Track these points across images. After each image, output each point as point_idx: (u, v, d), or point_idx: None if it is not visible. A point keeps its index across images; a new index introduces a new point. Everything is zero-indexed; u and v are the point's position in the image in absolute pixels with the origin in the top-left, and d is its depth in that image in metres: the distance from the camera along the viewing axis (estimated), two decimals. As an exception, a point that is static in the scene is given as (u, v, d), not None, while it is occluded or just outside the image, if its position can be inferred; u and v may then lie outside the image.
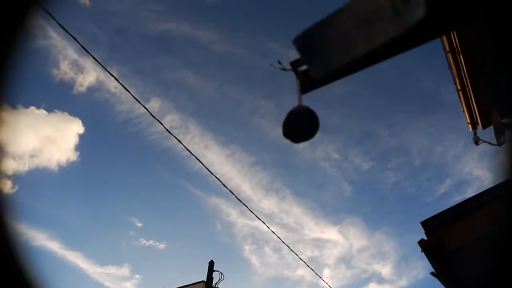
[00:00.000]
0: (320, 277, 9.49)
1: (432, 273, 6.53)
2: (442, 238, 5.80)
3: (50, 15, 4.23)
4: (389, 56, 1.83)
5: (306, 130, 2.10)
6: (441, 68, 5.67)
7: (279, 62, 2.11)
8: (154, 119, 5.95)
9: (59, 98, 16.69)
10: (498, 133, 5.24)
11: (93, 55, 5.01)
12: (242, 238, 19.25)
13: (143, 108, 5.80)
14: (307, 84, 2.11)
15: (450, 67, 5.60)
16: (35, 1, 1.50)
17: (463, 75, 5.49)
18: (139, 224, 18.27)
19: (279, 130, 2.09)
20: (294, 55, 2.03)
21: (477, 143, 6.28)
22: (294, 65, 2.13)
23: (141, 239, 18.88)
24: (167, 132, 6.19)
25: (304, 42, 1.81)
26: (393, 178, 18.90)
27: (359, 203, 19.98)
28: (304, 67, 2.13)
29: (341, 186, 18.70)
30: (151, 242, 18.18)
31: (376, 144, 18.72)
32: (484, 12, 1.67)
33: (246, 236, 19.76)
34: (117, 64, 15.79)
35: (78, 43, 4.71)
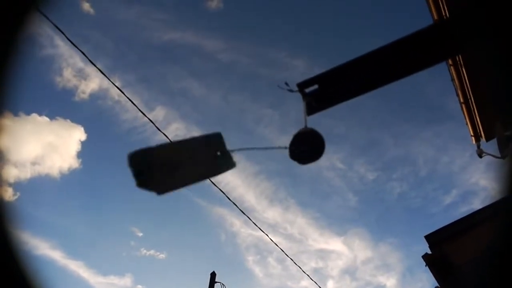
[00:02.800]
0: (323, 291, 9.35)
1: (436, 288, 6.44)
2: (447, 252, 5.72)
3: (55, 25, 4.30)
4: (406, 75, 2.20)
5: (312, 155, 2.14)
6: (446, 78, 5.68)
7: (286, 84, 2.13)
8: (158, 127, 5.96)
9: (62, 105, 16.81)
10: (502, 146, 5.22)
11: (99, 63, 5.07)
12: (245, 248, 19.08)
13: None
14: (313, 105, 2.14)
15: (452, 80, 5.61)
16: (36, 6, 1.52)
17: (466, 88, 5.50)
18: (140, 234, 18.17)
19: (284, 140, 2.10)
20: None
21: (480, 156, 6.25)
22: (301, 86, 2.15)
23: (142, 249, 18.75)
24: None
25: (141, 157, 1.99)
26: (398, 189, 18.74)
27: (364, 213, 19.80)
28: (311, 88, 2.16)
29: (345, 197, 18.57)
30: (152, 252, 18.05)
31: (382, 154, 18.63)
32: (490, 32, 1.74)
33: (250, 247, 19.60)
34: (122, 72, 15.90)
35: (82, 52, 4.76)
